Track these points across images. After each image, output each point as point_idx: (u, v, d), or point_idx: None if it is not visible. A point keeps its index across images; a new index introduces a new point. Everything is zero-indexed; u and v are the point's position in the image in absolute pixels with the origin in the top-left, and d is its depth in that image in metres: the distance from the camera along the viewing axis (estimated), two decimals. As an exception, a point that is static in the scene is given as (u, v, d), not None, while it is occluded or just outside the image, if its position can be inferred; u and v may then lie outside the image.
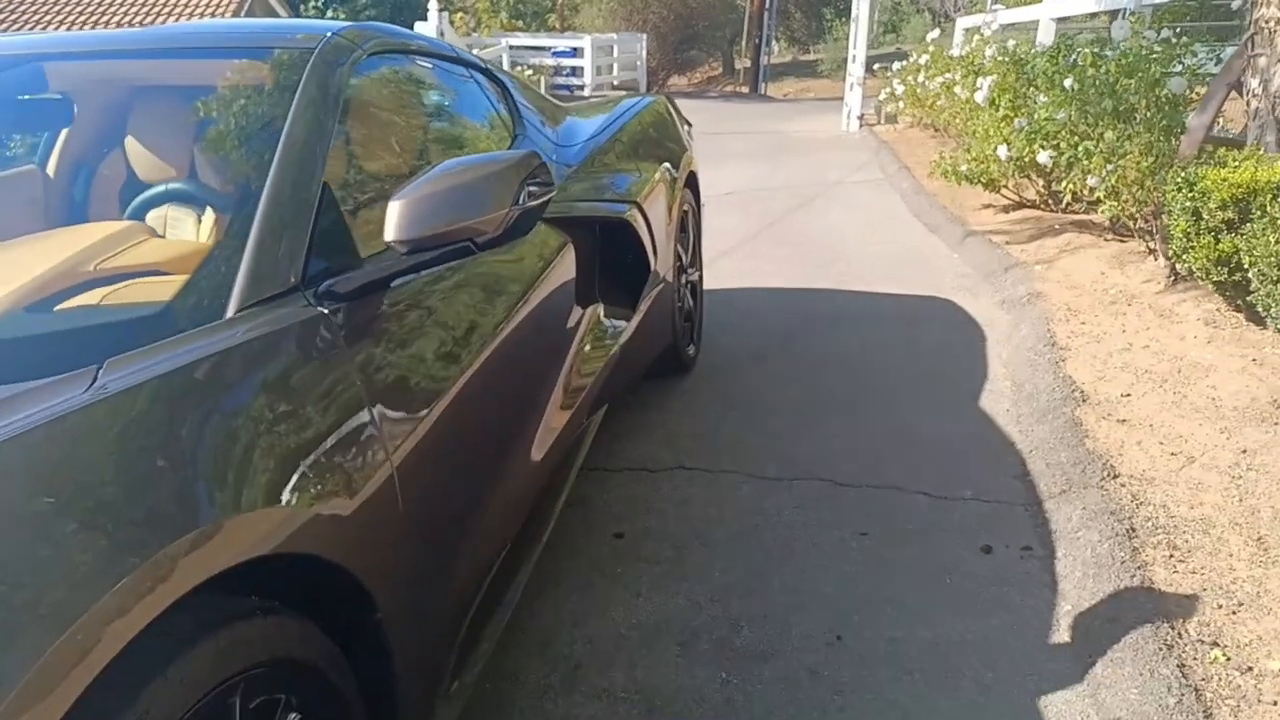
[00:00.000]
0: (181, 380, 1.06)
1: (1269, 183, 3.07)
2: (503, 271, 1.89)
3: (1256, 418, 2.70)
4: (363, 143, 1.72)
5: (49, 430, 0.92)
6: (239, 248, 1.29)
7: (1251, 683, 1.70)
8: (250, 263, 1.27)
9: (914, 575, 2.18)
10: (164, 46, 1.96)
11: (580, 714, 1.75)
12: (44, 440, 0.91)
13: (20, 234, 1.82)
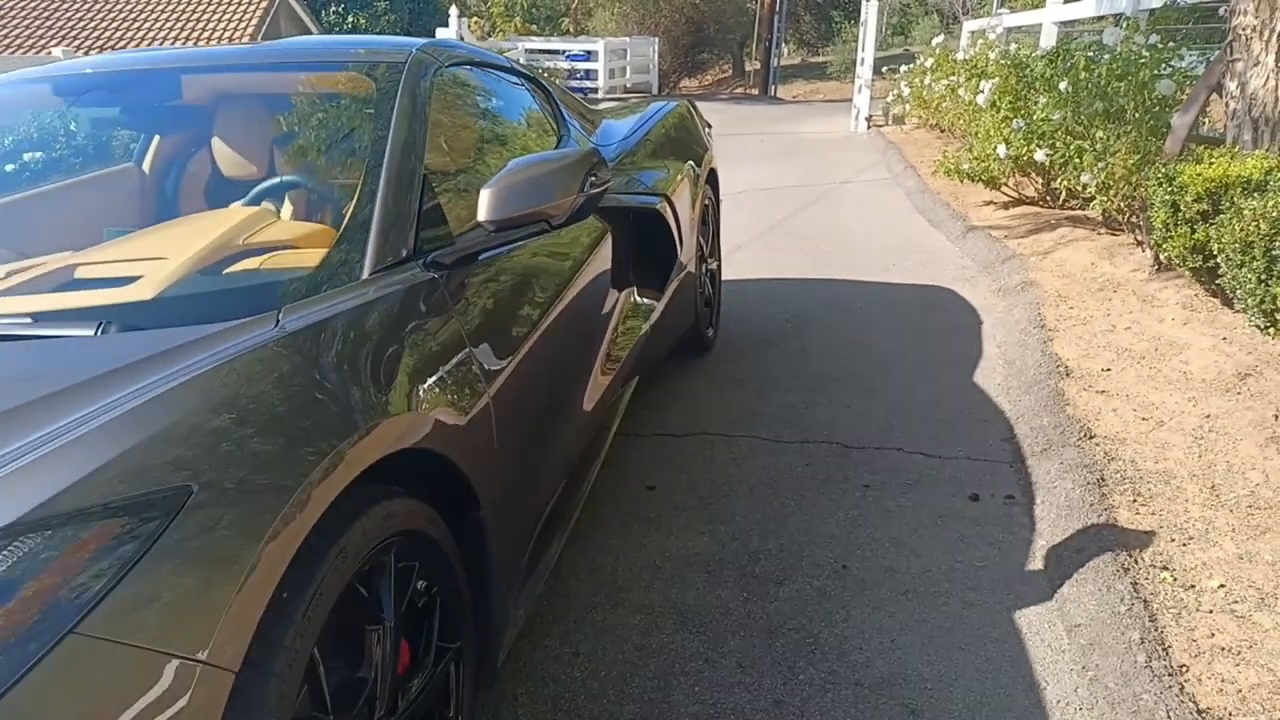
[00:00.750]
0: (338, 322, 1.39)
1: (1239, 177, 3.38)
2: (560, 252, 2.22)
3: (1222, 388, 3.01)
4: (446, 140, 2.05)
5: (256, 355, 1.24)
6: (365, 227, 1.62)
7: (1193, 597, 2.01)
8: (376, 238, 1.60)
9: (910, 519, 2.49)
10: (278, 61, 2.30)
11: (624, 623, 2.08)
12: (253, 361, 1.24)
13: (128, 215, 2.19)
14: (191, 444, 1.03)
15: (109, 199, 2.51)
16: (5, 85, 2.36)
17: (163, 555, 0.89)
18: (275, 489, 1.03)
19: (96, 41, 14.99)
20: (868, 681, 1.86)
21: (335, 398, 1.25)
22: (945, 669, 1.89)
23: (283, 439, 1.13)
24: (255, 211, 1.88)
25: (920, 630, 2.02)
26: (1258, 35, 3.82)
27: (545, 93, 2.99)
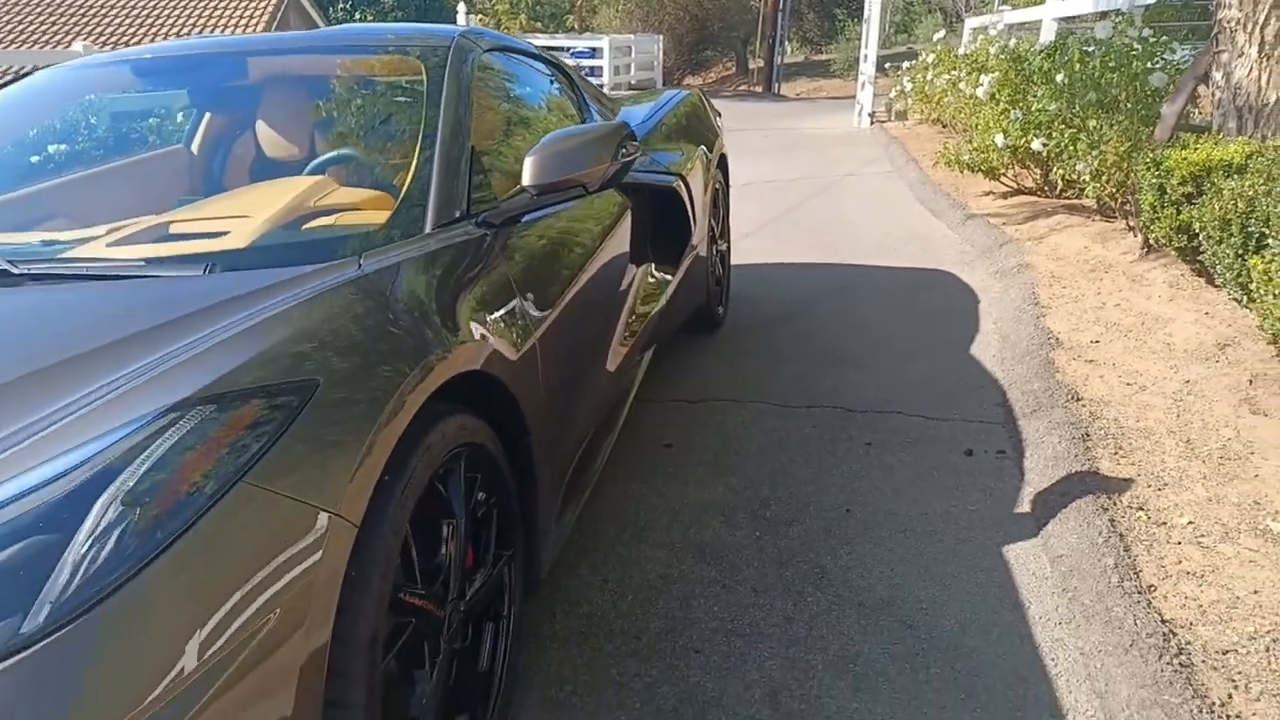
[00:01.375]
0: (408, 265, 1.60)
1: (1221, 161, 3.58)
2: (589, 221, 2.43)
3: (1201, 357, 3.21)
4: (486, 116, 2.26)
5: (346, 288, 1.46)
6: (425, 189, 1.83)
7: (1163, 531, 2.22)
8: (435, 199, 1.81)
9: (909, 471, 2.70)
10: (331, 45, 2.51)
11: (648, 557, 2.29)
12: (345, 292, 1.45)
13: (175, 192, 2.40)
14: (313, 349, 1.24)
15: (165, 174, 2.73)
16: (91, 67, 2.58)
17: (302, 429, 1.10)
18: (381, 390, 1.25)
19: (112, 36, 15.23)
20: (869, 603, 2.07)
21: (415, 323, 1.46)
22: (939, 592, 2.10)
23: (380, 352, 1.34)
24: (318, 180, 2.09)
25: (917, 562, 2.23)
26: (1241, 28, 4.02)
27: (568, 78, 3.20)
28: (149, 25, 15.47)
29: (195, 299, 1.39)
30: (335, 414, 1.17)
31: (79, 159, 2.66)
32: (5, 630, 0.86)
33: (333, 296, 1.41)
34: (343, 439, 1.16)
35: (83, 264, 1.64)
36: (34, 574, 0.89)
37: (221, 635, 0.95)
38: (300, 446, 1.10)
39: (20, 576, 0.89)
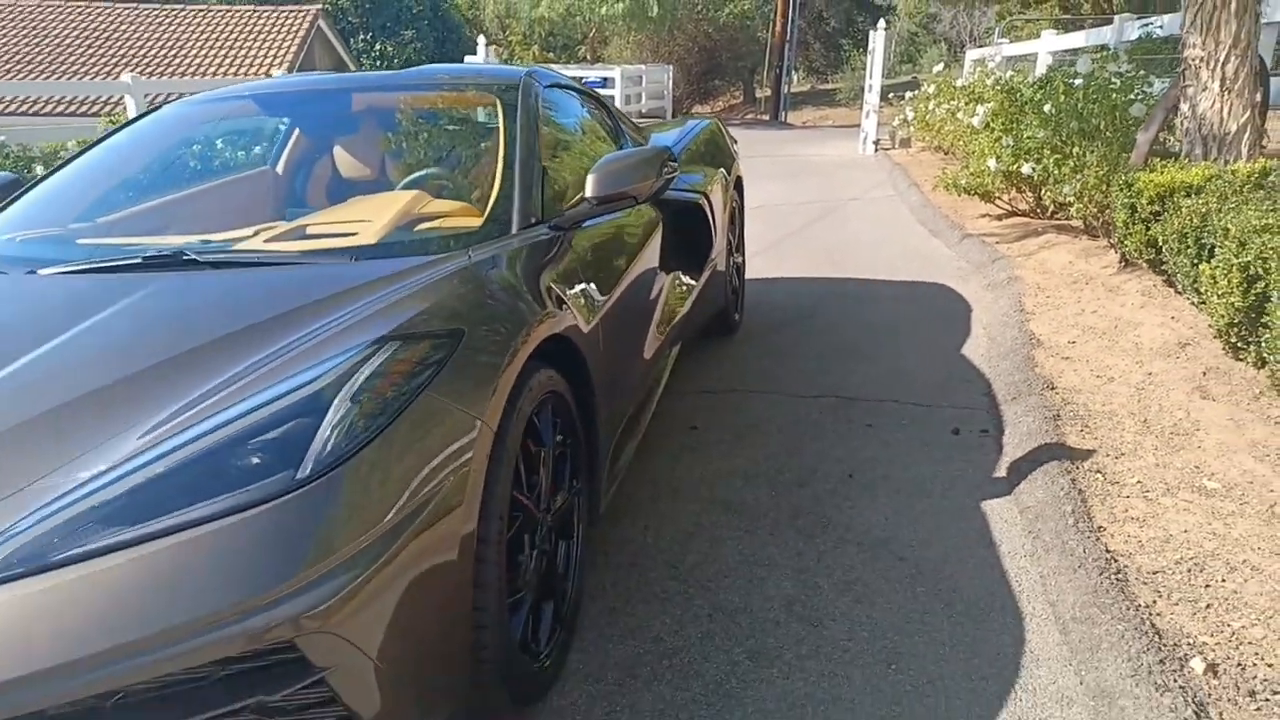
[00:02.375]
0: (503, 257, 2.05)
1: (1183, 183, 4.02)
2: (632, 227, 2.88)
3: (1164, 354, 3.64)
4: (547, 139, 2.72)
5: (460, 274, 1.91)
6: (509, 199, 2.29)
7: (1115, 489, 2.64)
8: (519, 207, 2.27)
9: (903, 447, 3.13)
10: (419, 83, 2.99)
11: (682, 510, 2.72)
12: (461, 276, 1.90)
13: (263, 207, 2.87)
14: (453, 312, 1.69)
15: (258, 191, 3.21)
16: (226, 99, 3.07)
17: (457, 361, 1.55)
18: (503, 341, 1.70)
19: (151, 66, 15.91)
20: (867, 542, 2.50)
21: (515, 298, 1.91)
22: (926, 534, 2.52)
23: (498, 315, 1.79)
24: (414, 194, 2.54)
25: (908, 513, 2.65)
26: (1205, 65, 4.48)
27: (605, 109, 3.68)
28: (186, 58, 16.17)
29: (355, 277, 1.84)
30: (476, 354, 1.61)
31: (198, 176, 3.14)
32: (286, 475, 1.29)
33: (456, 277, 1.87)
34: (482, 371, 1.60)
35: (252, 254, 2.10)
36: (301, 441, 1.33)
37: (416, 494, 1.39)
38: (457, 373, 1.54)
39: (293, 442, 1.33)
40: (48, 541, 1.22)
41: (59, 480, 1.30)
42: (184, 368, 1.52)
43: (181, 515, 1.25)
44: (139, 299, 1.81)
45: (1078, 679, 1.90)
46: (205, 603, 1.19)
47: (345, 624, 1.25)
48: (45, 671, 1.15)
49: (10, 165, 8.04)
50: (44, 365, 1.59)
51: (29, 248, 2.38)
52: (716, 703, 1.87)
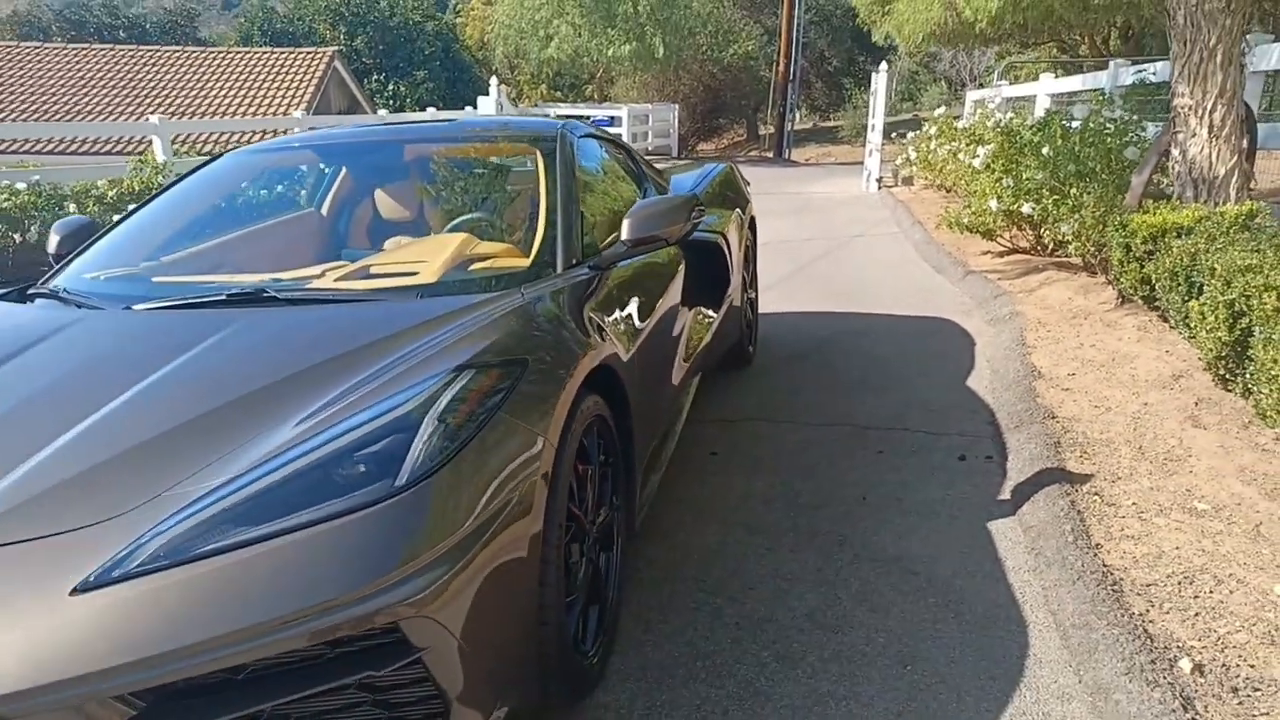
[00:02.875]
0: (551, 293, 2.27)
1: (1174, 224, 4.25)
2: (659, 265, 3.11)
3: (1159, 386, 3.84)
4: (583, 186, 2.96)
5: (516, 311, 2.12)
6: (553, 243, 2.52)
7: (1112, 510, 2.83)
8: (562, 249, 2.50)
9: (913, 472, 3.32)
10: (463, 134, 3.24)
11: (706, 529, 2.91)
12: (518, 312, 2.12)
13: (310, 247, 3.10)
14: (516, 343, 1.91)
15: (305, 232, 3.44)
16: (280, 149, 3.32)
17: (523, 387, 1.76)
18: (559, 369, 1.91)
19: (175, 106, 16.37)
20: (881, 559, 2.69)
21: (566, 331, 2.13)
22: (936, 552, 2.71)
23: (553, 346, 2.00)
24: (462, 236, 2.78)
25: (919, 533, 2.84)
26: (1193, 112, 4.74)
27: (628, 154, 3.94)
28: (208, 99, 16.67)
29: (423, 312, 2.07)
30: (538, 380, 1.83)
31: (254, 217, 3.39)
32: (386, 484, 1.50)
33: (514, 313, 2.09)
34: (544, 395, 1.81)
35: (326, 291, 2.33)
36: (398, 454, 1.54)
37: (493, 500, 1.59)
38: (523, 397, 1.75)
39: (391, 455, 1.54)
40: (187, 538, 1.42)
41: (192, 487, 1.50)
42: (286, 392, 1.73)
43: (299, 517, 1.45)
44: (233, 331, 2.03)
45: (1076, 678, 2.08)
46: (322, 591, 1.39)
47: (439, 611, 1.45)
48: (186, 648, 1.34)
49: (43, 203, 8.35)
50: (158, 391, 1.80)
51: (113, 285, 2.61)
52: (748, 700, 2.06)
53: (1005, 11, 12.34)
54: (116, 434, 1.67)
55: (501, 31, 24.21)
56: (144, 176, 9.49)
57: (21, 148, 12.14)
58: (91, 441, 1.65)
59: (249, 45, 22.85)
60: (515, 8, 23.83)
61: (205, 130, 13.87)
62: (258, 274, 2.64)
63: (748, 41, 29.10)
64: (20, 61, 17.61)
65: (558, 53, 23.96)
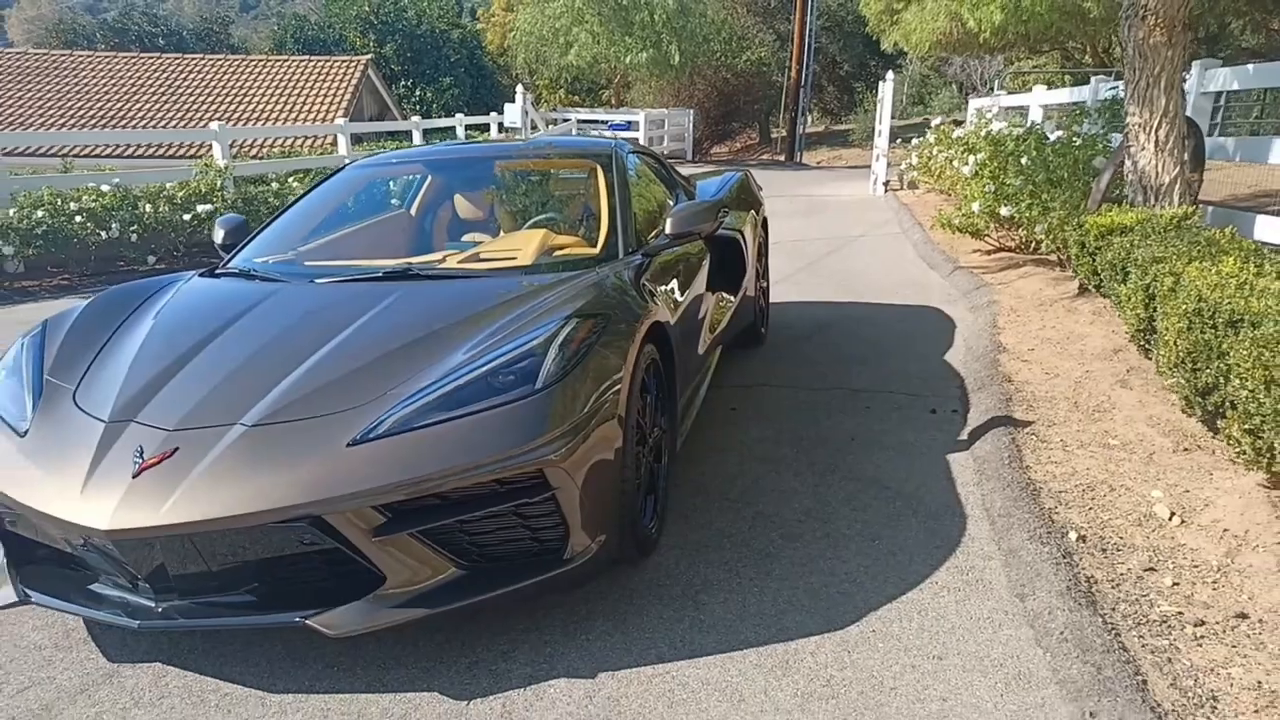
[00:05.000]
0: (616, 272, 3.11)
1: (1119, 224, 5.05)
2: (690, 254, 3.94)
3: (1101, 358, 4.65)
4: (637, 193, 3.79)
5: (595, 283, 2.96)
6: (615, 235, 3.36)
7: (1044, 446, 3.64)
8: (622, 241, 3.34)
9: (894, 422, 4.14)
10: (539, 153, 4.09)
11: (727, 460, 3.74)
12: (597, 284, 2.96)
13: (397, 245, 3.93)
14: (599, 304, 2.74)
15: (399, 228, 4.29)
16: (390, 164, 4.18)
17: (609, 329, 2.60)
18: (630, 322, 2.75)
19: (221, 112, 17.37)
20: (863, 479, 3.51)
21: (632, 299, 2.97)
22: (906, 474, 3.53)
23: (624, 307, 2.84)
24: (542, 231, 3.62)
25: (894, 462, 3.67)
26: (1142, 130, 5.53)
27: (661, 164, 4.78)
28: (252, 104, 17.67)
29: (530, 283, 2.91)
30: (616, 329, 2.66)
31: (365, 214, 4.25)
32: (529, 387, 2.33)
33: (594, 285, 2.93)
34: (621, 339, 2.65)
35: (455, 270, 3.18)
36: (535, 370, 2.37)
37: (593, 404, 2.42)
38: (609, 337, 2.59)
39: (530, 370, 2.37)
40: (409, 417, 2.26)
41: (405, 389, 2.35)
42: (452, 333, 2.58)
43: (475, 405, 2.29)
44: (398, 296, 2.88)
45: (996, 546, 2.91)
46: (494, 448, 2.22)
47: (566, 464, 2.28)
48: (414, 480, 2.17)
49: (120, 204, 9.27)
50: (360, 334, 2.65)
51: (281, 268, 3.47)
52: (761, 561, 2.89)
53: (1007, 23, 13.09)
54: (343, 359, 2.51)
55: (522, 38, 25.11)
56: (209, 179, 10.43)
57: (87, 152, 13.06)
58: (329, 363, 2.50)
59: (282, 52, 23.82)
60: (536, 15, 24.73)
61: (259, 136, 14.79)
62: (374, 259, 3.49)
63: (760, 48, 29.90)
64: (74, 70, 18.65)
65: (577, 59, 24.83)
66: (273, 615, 2.20)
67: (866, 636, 2.44)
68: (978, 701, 2.15)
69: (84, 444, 2.32)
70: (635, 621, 2.55)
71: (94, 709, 2.22)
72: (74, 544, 2.26)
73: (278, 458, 2.19)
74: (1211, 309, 3.26)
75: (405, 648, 2.42)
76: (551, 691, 2.25)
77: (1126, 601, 2.51)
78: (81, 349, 2.79)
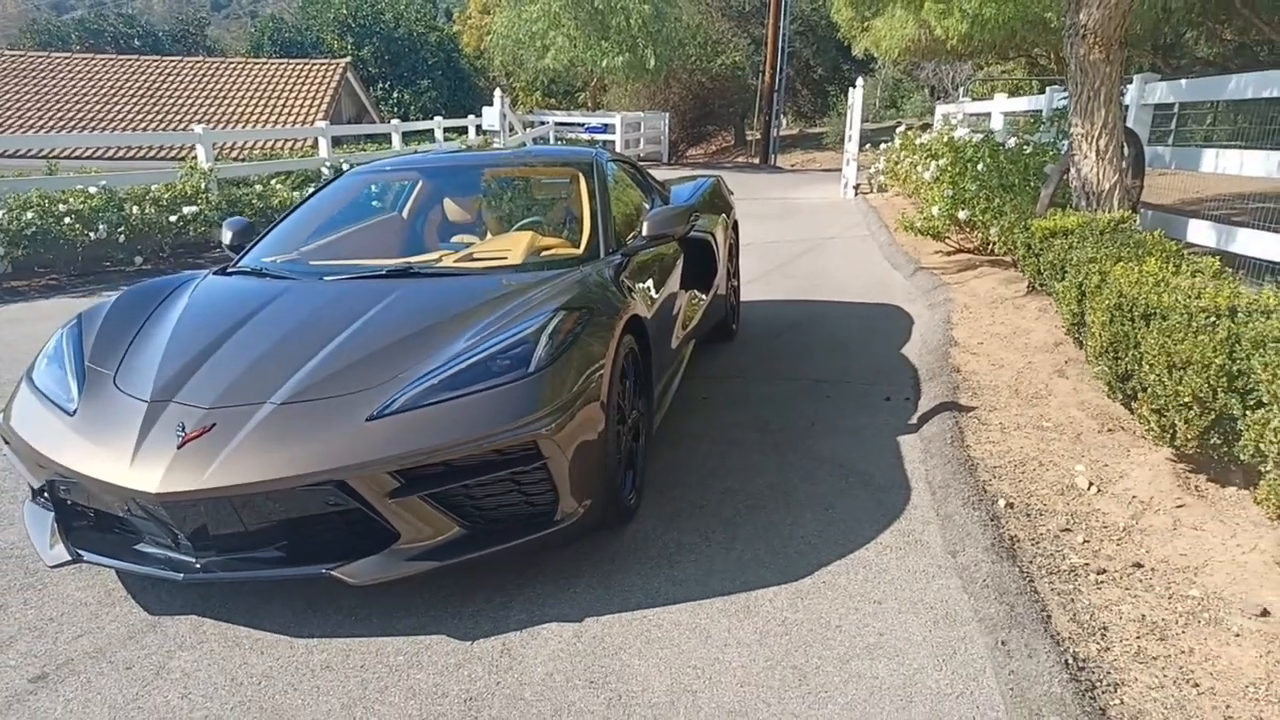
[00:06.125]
0: (598, 270, 3.46)
1: (1061, 227, 5.47)
2: (666, 255, 4.29)
3: (1043, 350, 5.06)
4: (615, 198, 4.13)
5: (579, 279, 3.31)
6: (597, 237, 3.71)
7: (983, 428, 4.03)
8: (604, 241, 3.69)
9: (851, 408, 4.52)
10: (522, 161, 4.43)
11: (699, 445, 4.09)
12: (581, 281, 3.30)
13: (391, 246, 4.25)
14: (583, 299, 3.09)
15: (392, 230, 4.61)
16: (385, 170, 4.50)
17: (593, 323, 2.94)
18: (611, 316, 3.09)
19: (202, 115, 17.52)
20: (820, 458, 3.88)
21: (613, 295, 3.31)
22: (859, 453, 3.90)
23: (606, 302, 3.19)
24: (529, 233, 3.96)
25: (848, 443, 4.04)
26: (1085, 139, 5.96)
27: (638, 171, 5.14)
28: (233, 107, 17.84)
29: (521, 280, 3.26)
30: (599, 321, 3.00)
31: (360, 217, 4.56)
32: (523, 370, 2.67)
33: (579, 281, 3.27)
34: (603, 329, 2.99)
35: (451, 269, 3.51)
36: (528, 356, 2.71)
37: (579, 386, 2.76)
38: (594, 328, 2.93)
39: (523, 356, 2.70)
40: (419, 396, 2.59)
41: (413, 372, 2.68)
42: (452, 324, 2.91)
43: (476, 386, 2.62)
44: (402, 292, 3.21)
45: (935, 513, 3.29)
46: (493, 423, 2.56)
47: (556, 436, 2.62)
48: (423, 449, 2.50)
49: (107, 205, 9.47)
50: (370, 325, 2.97)
51: (287, 267, 3.78)
52: (728, 527, 3.24)
53: (973, 31, 13.60)
54: (357, 346, 2.84)
55: (499, 41, 25.36)
56: (194, 181, 10.64)
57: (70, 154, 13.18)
58: (345, 350, 2.82)
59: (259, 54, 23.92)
60: (513, 19, 24.98)
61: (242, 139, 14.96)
62: (371, 259, 3.81)
63: (735, 52, 30.35)
64: (51, 72, 18.70)
65: (553, 62, 25.11)
66: (301, 568, 2.53)
67: (818, 586, 2.80)
68: (910, 635, 2.52)
69: (129, 421, 2.63)
70: (617, 578, 2.89)
71: (142, 651, 2.53)
72: (124, 508, 2.57)
73: (305, 431, 2.52)
74: (1130, 304, 3.66)
75: (414, 598, 2.75)
76: (544, 633, 2.59)
77: (1042, 556, 2.89)
78: (116, 339, 3.10)
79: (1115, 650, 2.38)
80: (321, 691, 2.35)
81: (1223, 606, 2.53)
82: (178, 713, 2.28)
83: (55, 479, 2.69)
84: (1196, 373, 3.07)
